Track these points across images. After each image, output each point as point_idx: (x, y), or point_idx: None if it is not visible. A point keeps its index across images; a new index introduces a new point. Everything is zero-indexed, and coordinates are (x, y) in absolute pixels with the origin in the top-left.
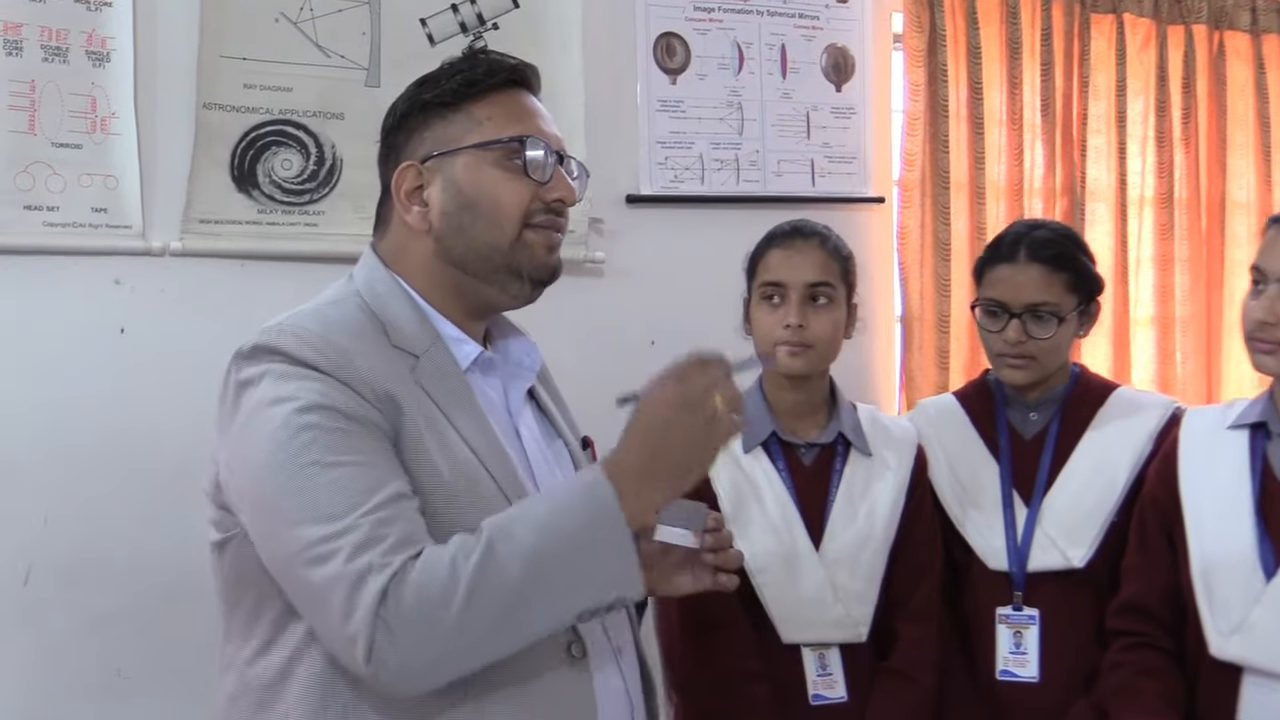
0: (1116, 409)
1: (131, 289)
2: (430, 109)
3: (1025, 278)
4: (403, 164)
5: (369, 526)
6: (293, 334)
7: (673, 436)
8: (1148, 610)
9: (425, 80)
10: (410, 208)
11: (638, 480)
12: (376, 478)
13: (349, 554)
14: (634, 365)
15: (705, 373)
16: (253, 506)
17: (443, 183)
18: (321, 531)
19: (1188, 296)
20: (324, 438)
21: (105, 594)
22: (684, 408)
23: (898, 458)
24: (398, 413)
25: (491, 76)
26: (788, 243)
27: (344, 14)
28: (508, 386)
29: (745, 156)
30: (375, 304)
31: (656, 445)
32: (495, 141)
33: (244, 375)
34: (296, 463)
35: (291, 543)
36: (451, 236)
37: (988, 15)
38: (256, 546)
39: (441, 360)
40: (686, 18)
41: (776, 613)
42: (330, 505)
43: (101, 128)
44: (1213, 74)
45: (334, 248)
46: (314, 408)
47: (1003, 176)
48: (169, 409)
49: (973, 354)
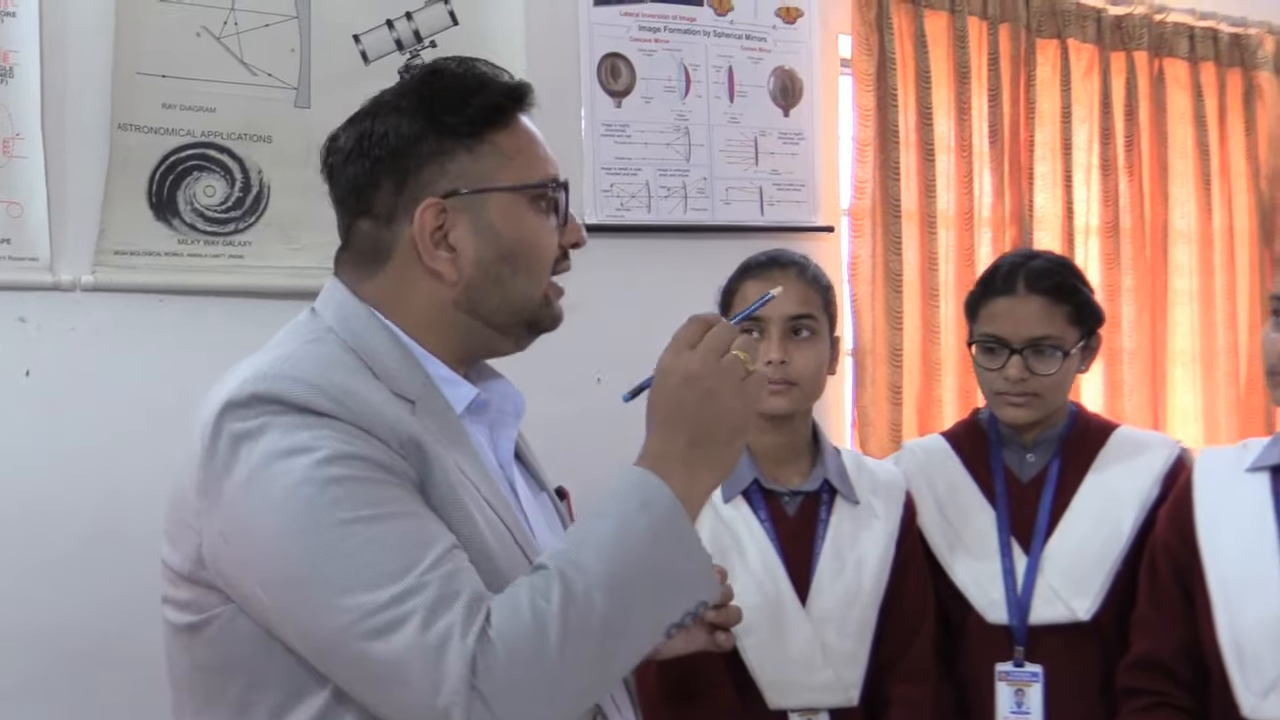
0: (1119, 450)
1: (38, 327)
2: (448, 136)
3: (1025, 311)
4: (425, 201)
5: (438, 583)
6: (294, 379)
7: (710, 409)
8: (1164, 667)
9: (434, 96)
10: (437, 254)
11: (686, 468)
12: (428, 529)
13: (424, 618)
14: (580, 403)
15: (720, 334)
16: (273, 580)
17: (474, 226)
18: (381, 597)
19: (1133, 328)
20: (359, 490)
21: (11, 670)
22: (716, 373)
23: (886, 506)
24: (423, 460)
25: (515, 102)
26: (764, 274)
27: (271, 29)
28: (496, 436)
29: (693, 184)
30: (356, 343)
31: (696, 423)
32: (537, 185)
33: (239, 428)
34: (331, 521)
35: (339, 614)
36: (485, 288)
37: (936, 38)
38: (277, 626)
39: (437, 405)
40: (631, 38)
41: (763, 676)
42: (385, 565)
43: (4, 150)
44: (1153, 101)
45: (262, 281)
46: (340, 458)
47: (953, 205)
48: (80, 461)
49: (925, 388)
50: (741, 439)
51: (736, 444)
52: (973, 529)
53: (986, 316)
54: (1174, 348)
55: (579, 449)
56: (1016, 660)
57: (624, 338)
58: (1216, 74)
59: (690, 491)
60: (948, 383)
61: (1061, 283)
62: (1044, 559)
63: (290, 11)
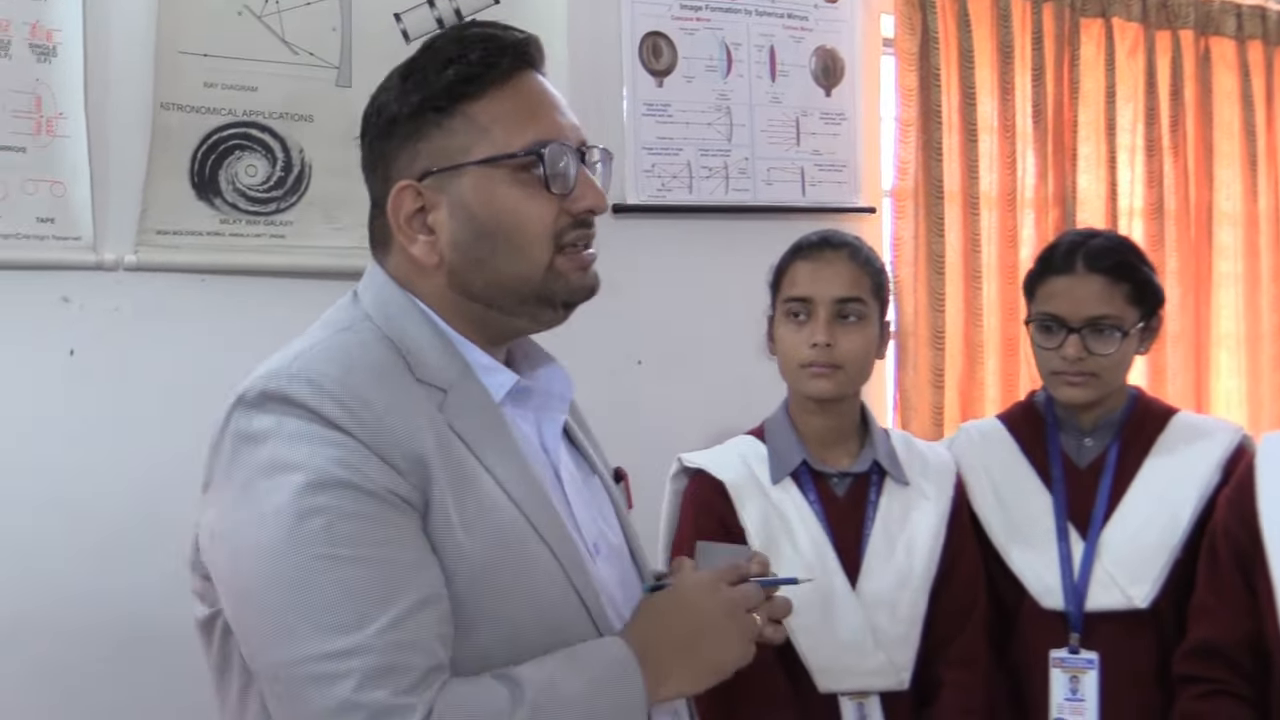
0: (1179, 435)
1: (81, 307)
2: (422, 114)
3: (1084, 290)
4: (398, 184)
5: (384, 651)
6: (308, 380)
7: (720, 642)
8: (1224, 654)
9: (410, 72)
10: (414, 237)
11: (662, 670)
12: (395, 581)
13: (359, 683)
14: (622, 385)
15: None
16: (237, 594)
17: (449, 206)
18: (326, 647)
19: (1177, 311)
20: (336, 525)
21: (52, 646)
22: (738, 621)
23: (937, 488)
24: (427, 480)
25: (490, 67)
26: (815, 254)
27: (312, 7)
28: (541, 420)
29: (734, 164)
30: (392, 330)
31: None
32: (507, 156)
33: (246, 428)
34: (300, 554)
35: (283, 650)
36: (469, 270)
37: (979, 17)
38: (237, 638)
39: (473, 393)
40: (673, 16)
41: (813, 660)
42: (339, 614)
43: (47, 129)
44: (1199, 81)
45: (303, 261)
46: (326, 485)
47: (995, 186)
48: (122, 439)
49: (968, 372)
50: (716, 679)
51: (710, 682)
52: (1029, 514)
53: (1044, 295)
54: (1218, 331)
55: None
56: (1072, 647)
57: (664, 319)
58: (1264, 53)
59: (659, 691)
60: (990, 365)
61: (1121, 261)
62: (1101, 545)
63: None
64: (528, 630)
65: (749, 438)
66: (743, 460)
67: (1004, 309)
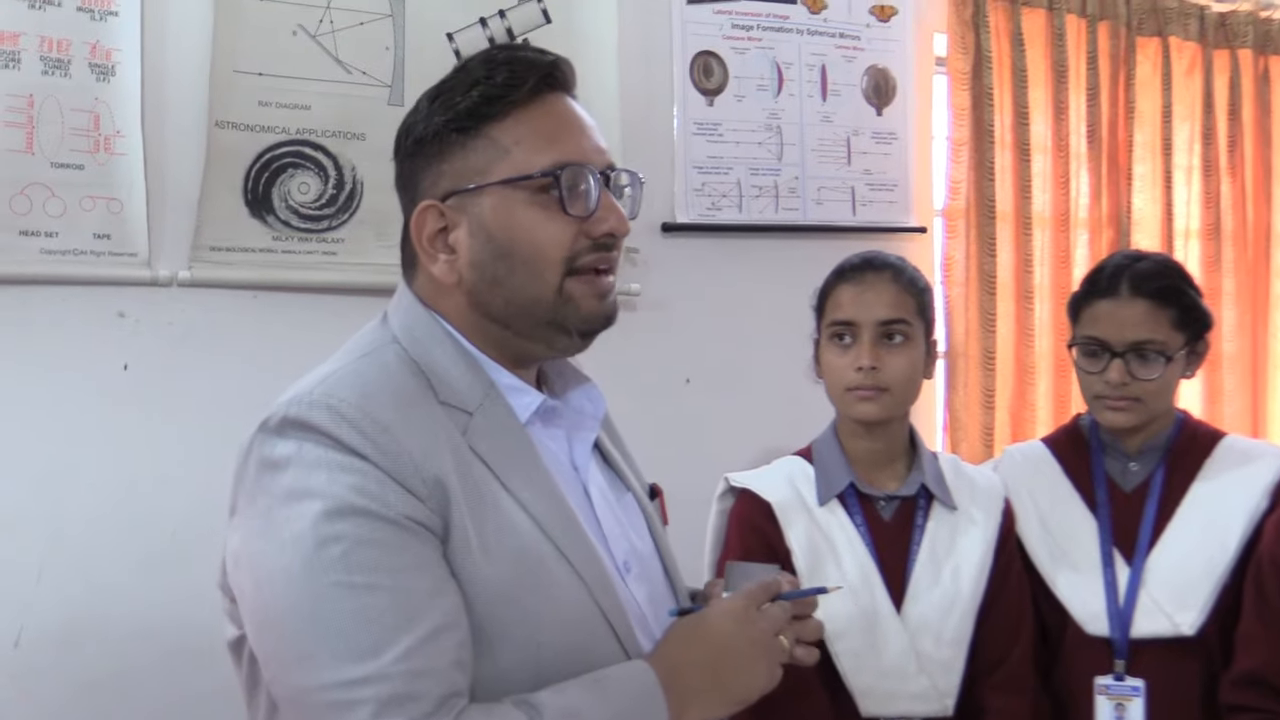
0: (1226, 460)
1: (136, 322)
2: (446, 135)
3: (1129, 314)
4: (421, 204)
5: (400, 680)
6: (327, 407)
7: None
8: (1271, 684)
9: (438, 94)
10: (435, 256)
11: (688, 697)
12: (413, 608)
13: (374, 711)
14: (669, 404)
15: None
16: (259, 620)
17: (469, 226)
18: (342, 675)
19: (1234, 332)
20: (354, 552)
21: (101, 658)
22: (767, 645)
23: (984, 513)
24: (447, 505)
25: (514, 88)
26: (858, 277)
27: (366, 27)
28: (572, 439)
29: (784, 183)
30: (417, 353)
31: (714, 668)
32: (525, 178)
33: (269, 455)
34: (318, 581)
35: (302, 676)
36: (486, 290)
37: (1033, 37)
38: (260, 662)
39: (499, 415)
40: (724, 36)
41: (856, 683)
42: (355, 641)
43: (105, 147)
44: (1258, 100)
45: (355, 278)
46: (344, 512)
47: (1048, 206)
48: (176, 453)
49: (1019, 393)
50: (743, 704)
51: (734, 709)
52: (1073, 538)
53: (1089, 318)
54: (1275, 352)
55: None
56: (1117, 674)
57: (713, 338)
58: None
59: (678, 715)
60: (1042, 387)
61: (1167, 286)
62: (1147, 571)
63: (385, 10)
64: (550, 651)
65: (796, 458)
66: (789, 481)
67: (1056, 330)
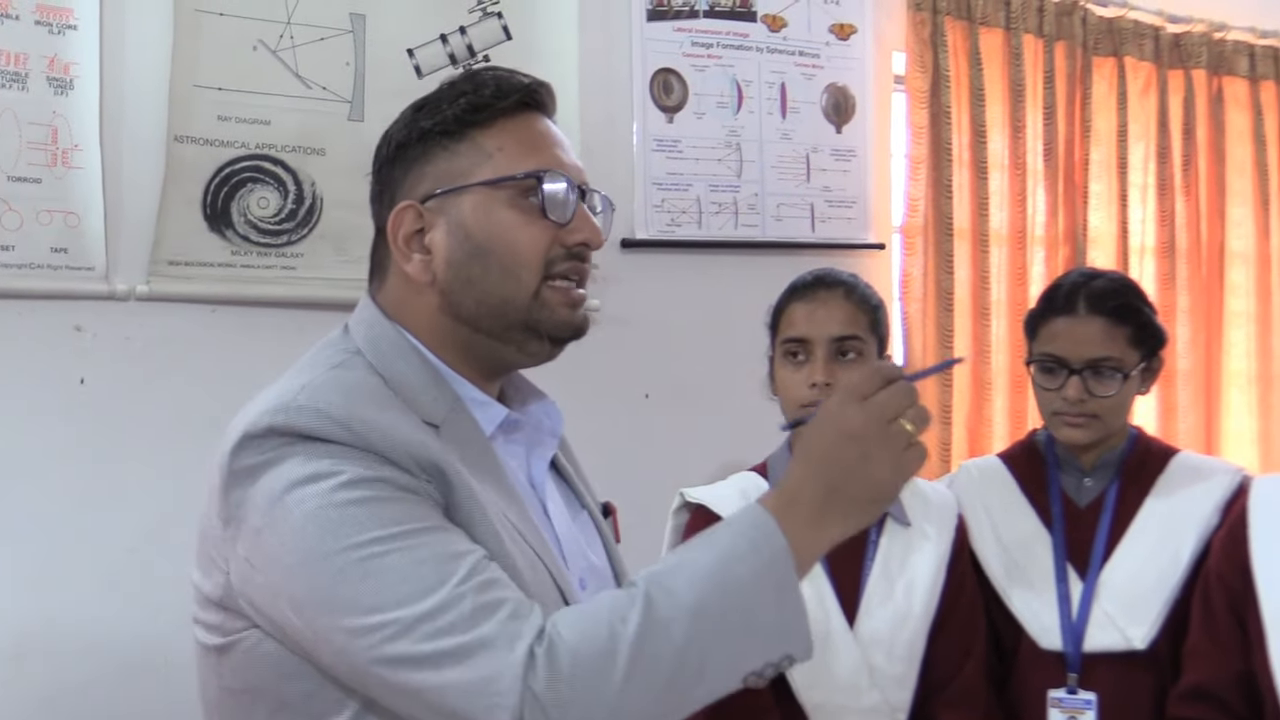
0: (1179, 476)
1: (93, 336)
2: (430, 139)
3: (1086, 331)
4: (400, 204)
5: (473, 593)
6: (314, 411)
7: (860, 471)
8: (1217, 698)
9: (424, 104)
10: (410, 255)
11: (811, 522)
12: (456, 544)
13: (463, 627)
14: (628, 419)
15: (895, 396)
16: (304, 603)
17: (447, 226)
18: (414, 610)
19: (1188, 349)
20: (382, 509)
21: (55, 673)
22: (879, 438)
23: (937, 529)
24: (446, 484)
25: (501, 99)
26: (811, 294)
27: (326, 43)
28: (530, 455)
29: (744, 199)
30: (382, 365)
31: (841, 480)
32: (508, 178)
33: (254, 460)
34: (355, 542)
35: (376, 638)
36: (459, 290)
37: (991, 56)
38: (312, 649)
39: (465, 427)
40: (684, 53)
41: (808, 698)
42: (416, 581)
43: (63, 160)
44: (1212, 120)
45: (314, 293)
46: (361, 481)
47: (1005, 224)
48: (132, 468)
49: (975, 408)
50: (882, 508)
51: (874, 511)
52: (1028, 553)
53: (1046, 336)
54: (1229, 369)
55: (625, 464)
56: (1070, 687)
57: (672, 354)
58: (1277, 93)
59: (811, 544)
60: (998, 403)
61: (1124, 304)
62: (1100, 585)
63: (345, 26)
64: None
65: (752, 474)
66: (744, 496)
67: (1012, 346)
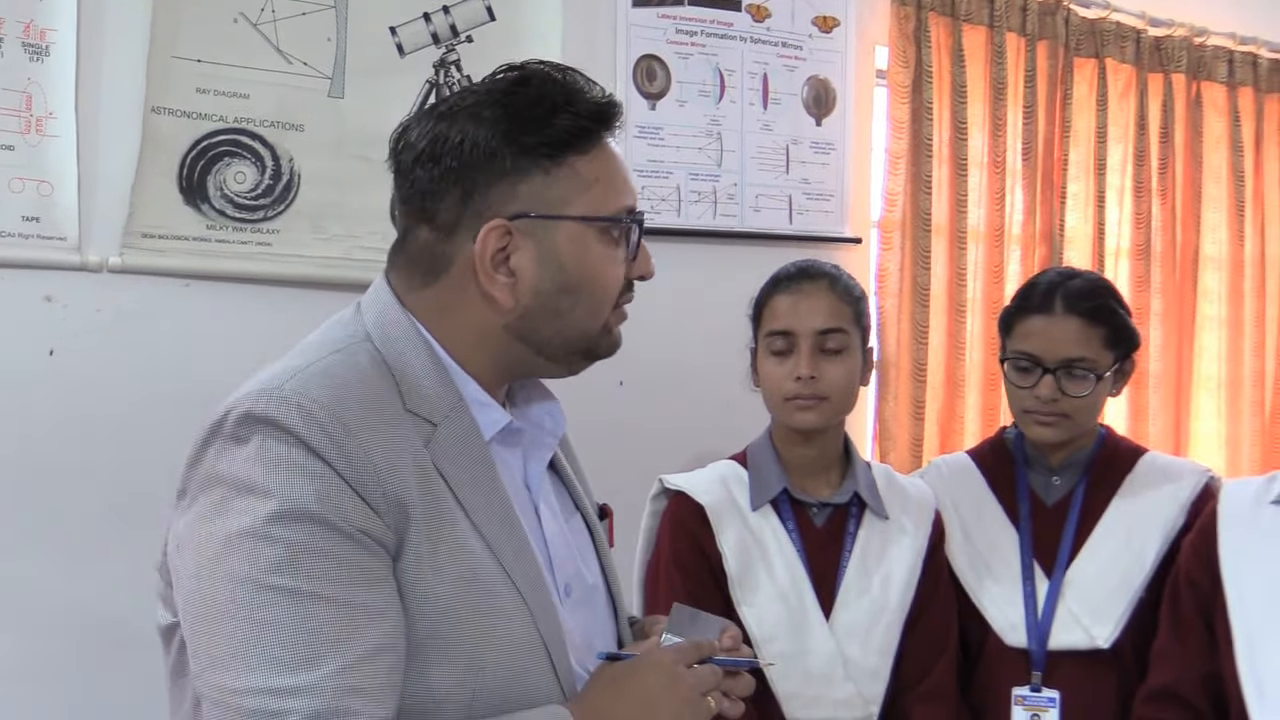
0: (1146, 476)
1: (64, 307)
2: (525, 156)
3: (1060, 331)
4: (491, 222)
5: (331, 695)
6: (298, 406)
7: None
8: (1183, 699)
9: (505, 105)
10: (495, 277)
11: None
12: (354, 623)
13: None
14: (602, 406)
15: (711, 674)
16: (195, 610)
17: (537, 253)
18: (273, 682)
19: (1160, 352)
20: (301, 559)
21: (19, 648)
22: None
23: (915, 523)
24: (405, 522)
25: (602, 125)
26: (794, 287)
27: (308, 18)
28: (528, 456)
29: (723, 189)
30: (390, 354)
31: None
32: (610, 219)
33: (228, 446)
34: (260, 581)
35: (231, 677)
36: (540, 318)
37: (973, 54)
38: (189, 652)
39: (463, 429)
40: (668, 41)
41: (782, 688)
42: (290, 650)
43: (37, 128)
44: (1189, 124)
45: (288, 270)
46: (298, 516)
47: (983, 221)
48: (100, 441)
49: (948, 404)
50: None
51: None
52: (995, 550)
53: (1021, 334)
54: (1200, 373)
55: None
56: (1034, 685)
57: (647, 341)
58: (1254, 99)
59: None
60: (971, 400)
61: (1100, 305)
62: (1066, 584)
63: (328, 1)
64: (489, 675)
65: (731, 463)
66: (723, 485)
67: (987, 343)
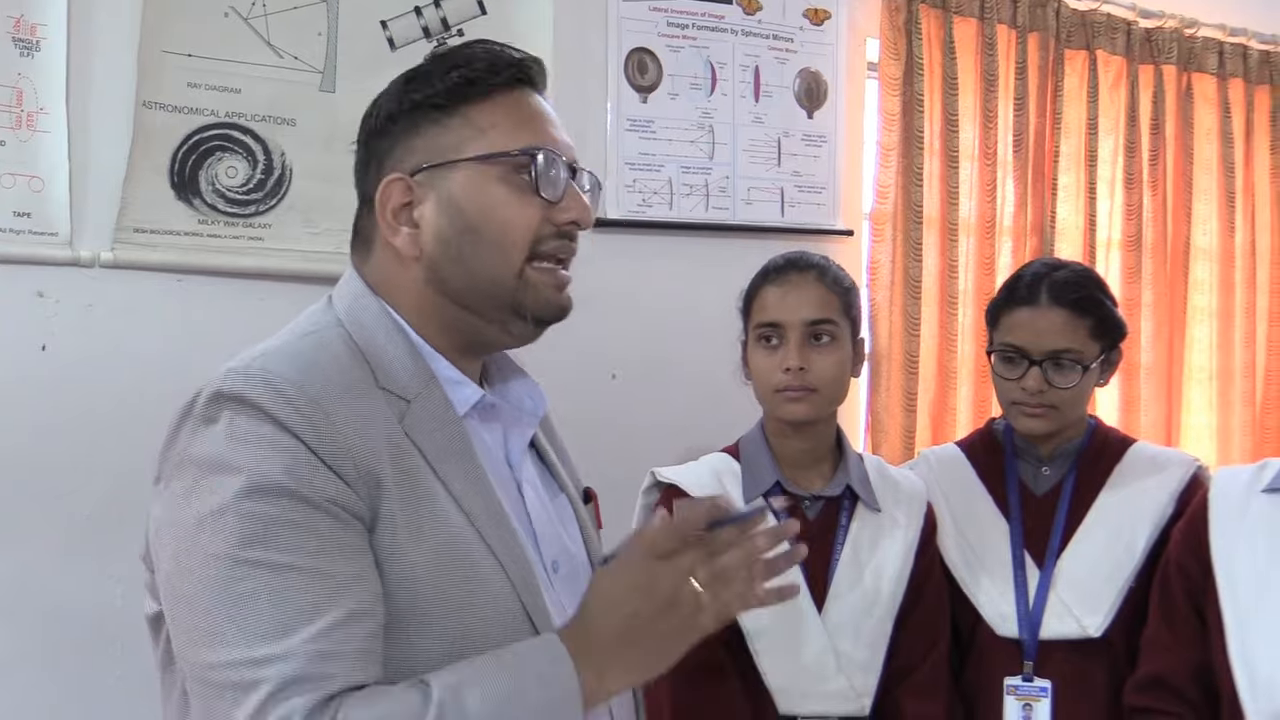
0: (1135, 466)
1: (56, 302)
2: (422, 111)
3: (1047, 322)
4: (389, 176)
5: (305, 660)
6: (265, 381)
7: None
8: (1174, 687)
9: (414, 76)
10: (398, 229)
11: (603, 663)
12: (328, 591)
13: (273, 689)
14: (595, 399)
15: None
16: (173, 591)
17: (437, 200)
18: (248, 653)
19: (1151, 343)
20: (275, 531)
21: (13, 640)
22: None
23: (907, 515)
24: (377, 493)
25: (495, 75)
26: (783, 278)
27: (299, 12)
28: (508, 434)
29: (715, 182)
30: (361, 337)
31: (626, 634)
32: (503, 154)
33: (199, 427)
34: (233, 556)
35: (209, 652)
36: (447, 265)
37: (964, 45)
38: (170, 634)
39: (436, 406)
40: (659, 33)
41: (774, 681)
42: (264, 620)
43: (28, 123)
44: (1180, 116)
45: (281, 264)
46: (269, 490)
47: (974, 213)
48: (94, 437)
49: (940, 397)
50: (668, 663)
51: (664, 664)
52: (985, 541)
53: (1007, 326)
54: (1191, 364)
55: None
56: (1025, 674)
57: (640, 334)
58: (1245, 91)
59: (597, 685)
60: (963, 391)
61: (1085, 296)
62: (1056, 574)
63: None
64: (470, 645)
65: (723, 455)
66: (716, 477)
67: (978, 335)
